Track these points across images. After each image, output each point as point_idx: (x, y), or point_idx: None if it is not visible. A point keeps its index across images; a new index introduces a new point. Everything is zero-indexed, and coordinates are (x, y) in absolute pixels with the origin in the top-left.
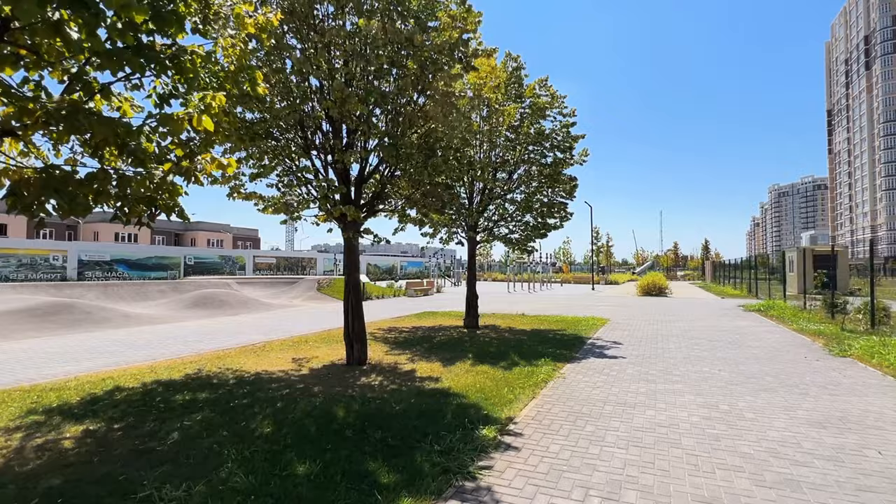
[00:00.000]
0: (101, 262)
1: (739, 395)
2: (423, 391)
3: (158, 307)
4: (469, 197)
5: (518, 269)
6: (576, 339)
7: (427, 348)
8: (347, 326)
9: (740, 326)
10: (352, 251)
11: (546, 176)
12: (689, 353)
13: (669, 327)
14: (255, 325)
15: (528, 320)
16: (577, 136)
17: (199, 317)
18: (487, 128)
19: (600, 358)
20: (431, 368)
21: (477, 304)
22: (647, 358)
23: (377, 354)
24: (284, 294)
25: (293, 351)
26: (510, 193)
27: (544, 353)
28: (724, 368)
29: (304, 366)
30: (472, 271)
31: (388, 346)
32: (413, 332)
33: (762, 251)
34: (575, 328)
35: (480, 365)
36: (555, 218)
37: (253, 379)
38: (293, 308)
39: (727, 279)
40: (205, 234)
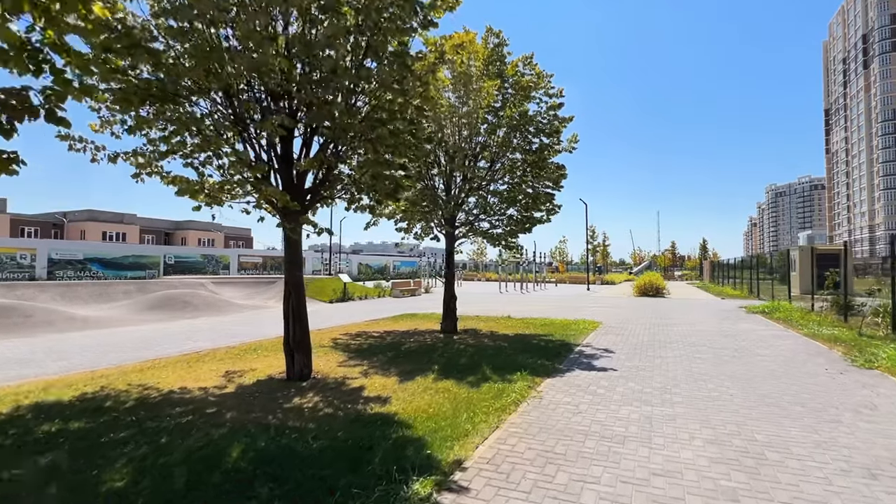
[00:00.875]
0: (73, 261)
1: (756, 424)
2: (362, 418)
3: (117, 309)
4: (446, 187)
5: (513, 268)
6: (562, 346)
7: (390, 358)
8: (287, 335)
9: (745, 331)
10: (292, 246)
11: (530, 164)
12: (690, 364)
13: (667, 332)
14: (212, 330)
15: (514, 324)
16: (564, 119)
17: (158, 320)
18: (466, 109)
19: (587, 370)
20: (384, 385)
21: (455, 307)
22: (643, 371)
23: (328, 366)
24: (260, 295)
25: (232, 362)
26: (492, 184)
27: (523, 364)
28: (733, 386)
29: (234, 381)
30: (451, 270)
31: (347, 354)
32: (382, 338)
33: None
34: (563, 333)
35: (444, 380)
36: (541, 211)
37: (159, 400)
38: (265, 310)
39: (726, 279)
40: (196, 233)
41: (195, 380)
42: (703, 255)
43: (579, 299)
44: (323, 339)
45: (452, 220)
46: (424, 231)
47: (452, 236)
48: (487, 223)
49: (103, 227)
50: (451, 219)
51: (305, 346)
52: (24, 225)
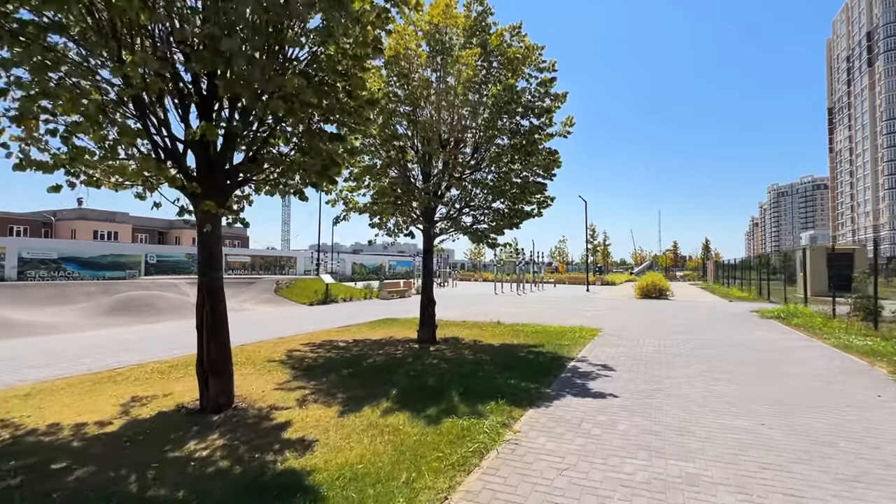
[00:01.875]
0: (46, 260)
1: (814, 490)
2: (262, 481)
3: (71, 313)
4: (424, 175)
5: (511, 268)
6: (553, 360)
7: (344, 377)
8: (200, 354)
9: (764, 340)
10: (205, 240)
11: (518, 149)
12: (708, 386)
13: (676, 341)
14: (162, 338)
15: (502, 331)
16: (557, 97)
17: (113, 325)
18: (443, 85)
19: (581, 397)
20: (318, 420)
21: (433, 312)
22: (650, 397)
23: (262, 389)
24: (237, 296)
25: (148, 384)
26: (476, 172)
27: (502, 387)
28: (768, 420)
29: (129, 413)
30: (429, 270)
31: (294, 372)
32: (346, 349)
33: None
34: (556, 343)
35: (398, 412)
36: (531, 203)
37: (6, 445)
38: (238, 313)
39: (732, 280)
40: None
41: (82, 411)
42: (706, 255)
43: (578, 301)
44: (277, 350)
45: (430, 213)
46: (398, 227)
47: (430, 232)
48: (471, 217)
49: (94, 226)
50: (428, 212)
51: (223, 369)
52: (13, 223)
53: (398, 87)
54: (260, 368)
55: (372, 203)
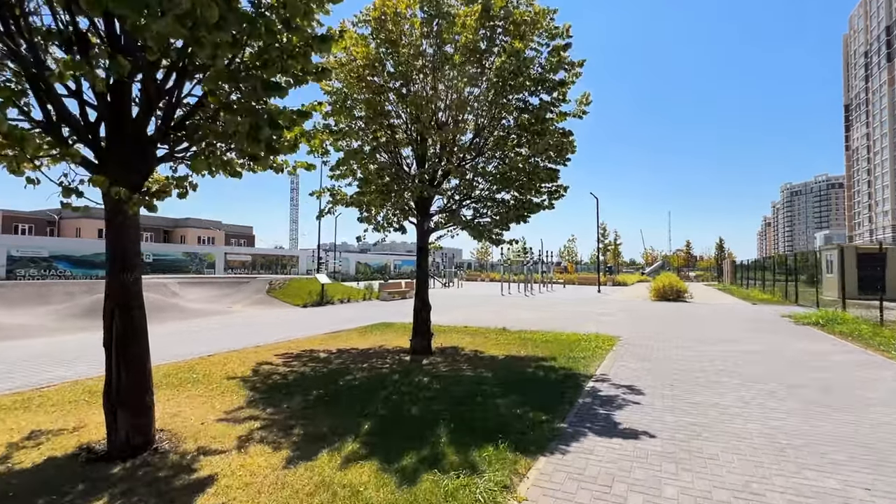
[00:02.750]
0: (36, 258)
1: None
2: None
3: (42, 316)
4: (418, 160)
5: (518, 268)
6: (568, 379)
7: (309, 403)
8: (108, 379)
9: (814, 354)
10: (117, 233)
11: (526, 128)
12: (767, 420)
13: (709, 354)
14: None
15: (507, 339)
16: (573, 64)
17: (79, 329)
18: (438, 53)
19: (607, 437)
20: (253, 475)
21: (428, 318)
22: (696, 436)
23: (203, 417)
24: (228, 297)
25: (65, 411)
26: (478, 158)
27: (506, 417)
28: (865, 478)
29: (11, 458)
30: (423, 271)
31: (250, 395)
32: (325, 363)
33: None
34: (569, 355)
35: (363, 462)
36: (540, 194)
37: None
38: (225, 316)
39: (751, 281)
40: (195, 230)
41: None
42: (720, 254)
43: (590, 303)
44: (246, 362)
45: (425, 205)
46: (388, 220)
47: (424, 227)
48: (472, 210)
49: (99, 225)
50: (422, 203)
51: (138, 400)
52: (19, 222)
53: (386, 57)
54: (213, 389)
55: (358, 193)
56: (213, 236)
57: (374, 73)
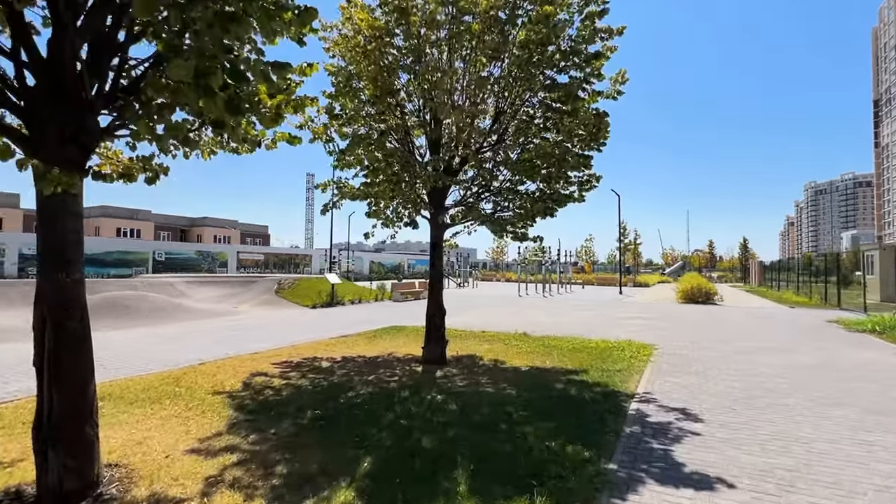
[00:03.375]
0: None
1: None
2: None
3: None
4: (431, 144)
5: (535, 268)
6: (606, 399)
7: (301, 428)
8: (39, 408)
9: (889, 368)
10: (52, 219)
11: (555, 108)
12: (872, 462)
13: (765, 367)
14: (111, 354)
15: (530, 347)
16: (611, 32)
17: None
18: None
19: (670, 486)
20: None
21: (442, 324)
22: (789, 485)
23: (170, 448)
24: (235, 297)
25: (5, 438)
26: (499, 145)
27: (538, 455)
28: None
29: None
30: (438, 271)
31: (234, 416)
32: (327, 374)
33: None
34: (603, 367)
35: None
36: (570, 184)
37: None
38: (229, 317)
39: (781, 283)
40: (211, 229)
41: None
42: (744, 254)
43: (614, 305)
44: (239, 372)
45: (439, 196)
46: (397, 214)
47: (438, 221)
48: (492, 203)
49: (117, 224)
50: (436, 195)
51: (75, 434)
52: None
53: (395, 28)
54: (194, 407)
55: (365, 185)
56: (228, 235)
57: (381, 46)
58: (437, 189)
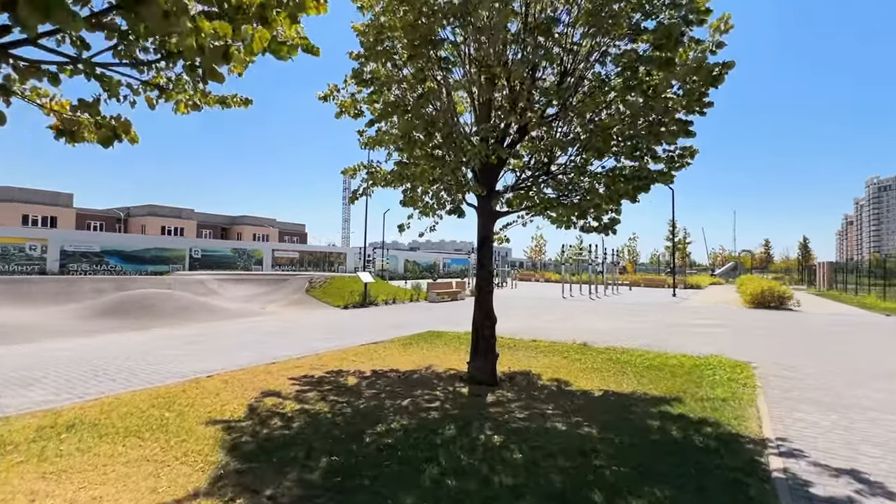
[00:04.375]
0: (88, 253)
1: None
2: None
3: (55, 315)
4: (478, 109)
5: (576, 268)
6: (725, 448)
7: (310, 487)
8: None
9: None
10: None
11: (646, 58)
12: None
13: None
14: (110, 359)
15: (595, 362)
16: None
17: (89, 332)
18: None
19: None
20: None
21: (492, 334)
22: None
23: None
24: (266, 296)
25: None
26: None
27: None
28: None
29: None
30: (487, 270)
31: (222, 461)
32: (352, 396)
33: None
34: (697, 394)
35: None
36: (657, 160)
37: None
38: (255, 318)
39: (856, 286)
40: (251, 228)
41: None
42: (805, 255)
43: (672, 310)
44: (248, 391)
45: (490, 175)
46: (438, 199)
47: (489, 208)
48: (555, 184)
49: (162, 222)
50: (487, 173)
51: None
52: (90, 219)
53: None
54: (175, 445)
55: (400, 165)
56: (266, 233)
57: None
58: (488, 167)
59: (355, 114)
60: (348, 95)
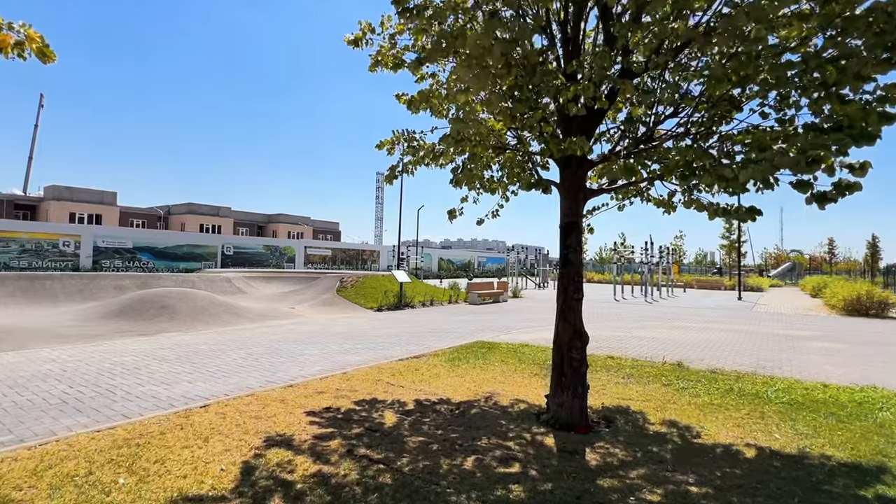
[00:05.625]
0: (121, 249)
1: None
2: None
3: (67, 315)
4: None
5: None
6: None
7: None
8: None
9: None
10: None
11: None
12: None
13: None
14: (101, 375)
15: (707, 391)
16: None
17: (104, 335)
18: None
19: None
20: None
21: (582, 359)
22: None
23: None
24: (296, 295)
25: None
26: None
27: None
28: None
29: None
30: (575, 269)
31: None
32: (388, 449)
33: None
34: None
35: None
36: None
37: None
38: (279, 322)
39: None
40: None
41: None
42: (874, 255)
43: (752, 318)
44: (247, 434)
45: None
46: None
47: (580, 182)
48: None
49: (201, 220)
50: (582, 126)
51: None
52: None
53: None
54: None
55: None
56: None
57: None
58: (589, 114)
59: (394, 64)
60: (387, 39)
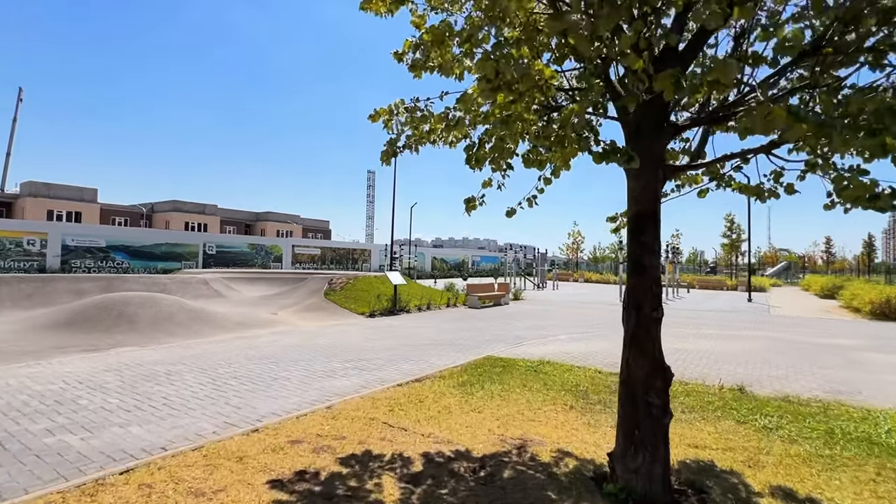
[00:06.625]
0: (93, 248)
1: None
2: None
3: (5, 325)
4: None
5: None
6: None
7: None
8: None
9: None
10: None
11: None
12: None
13: None
14: (7, 415)
15: (801, 432)
16: None
17: (40, 351)
18: None
19: None
20: None
21: (664, 406)
22: None
23: None
24: (280, 299)
25: None
26: None
27: None
28: None
29: None
30: (651, 275)
31: None
32: None
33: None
34: None
35: None
36: None
37: None
38: (256, 332)
39: None
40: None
41: None
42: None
43: (777, 324)
44: None
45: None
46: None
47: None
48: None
49: (186, 218)
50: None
51: None
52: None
53: None
54: None
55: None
56: (290, 230)
57: None
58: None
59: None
60: None
